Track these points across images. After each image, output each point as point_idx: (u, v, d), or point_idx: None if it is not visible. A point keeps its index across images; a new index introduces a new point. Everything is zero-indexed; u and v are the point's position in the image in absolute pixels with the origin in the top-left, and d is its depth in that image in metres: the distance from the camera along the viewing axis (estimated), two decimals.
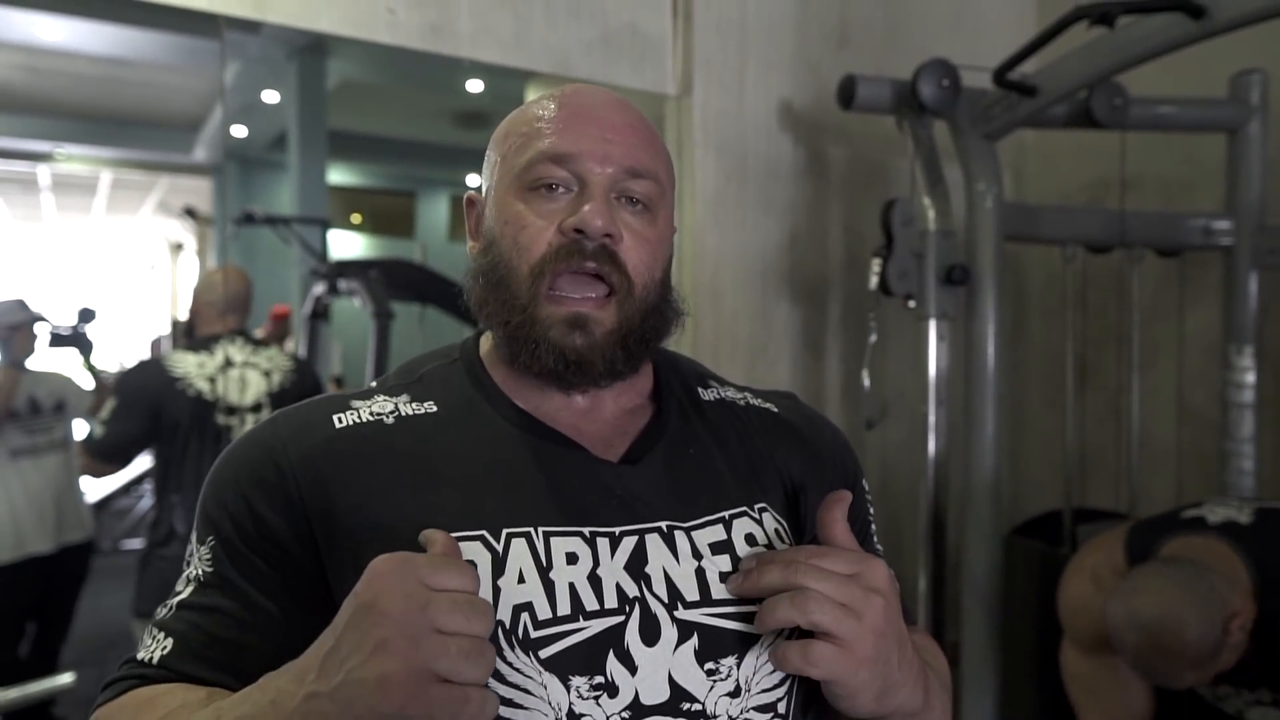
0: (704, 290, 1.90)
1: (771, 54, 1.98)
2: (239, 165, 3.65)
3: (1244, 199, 1.88)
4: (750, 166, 1.95)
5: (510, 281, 0.64)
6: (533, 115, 0.67)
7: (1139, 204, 2.10)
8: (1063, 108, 1.84)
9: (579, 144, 0.64)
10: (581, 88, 0.70)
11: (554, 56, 1.71)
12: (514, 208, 0.65)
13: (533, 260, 0.63)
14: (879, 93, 1.79)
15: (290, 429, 0.65)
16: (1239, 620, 1.21)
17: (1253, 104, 1.87)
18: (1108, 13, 1.45)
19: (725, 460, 0.69)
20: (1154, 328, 2.20)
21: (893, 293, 1.75)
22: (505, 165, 0.67)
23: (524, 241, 0.64)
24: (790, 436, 0.74)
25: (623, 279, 0.64)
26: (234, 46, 3.02)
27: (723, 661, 0.60)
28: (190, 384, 2.05)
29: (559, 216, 0.64)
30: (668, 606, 0.60)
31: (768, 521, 0.67)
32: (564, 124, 0.65)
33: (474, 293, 0.68)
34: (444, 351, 0.73)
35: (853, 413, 2.17)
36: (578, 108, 0.67)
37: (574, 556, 0.60)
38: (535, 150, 0.65)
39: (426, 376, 0.70)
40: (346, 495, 0.61)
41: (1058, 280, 2.10)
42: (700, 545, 0.63)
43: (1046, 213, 1.94)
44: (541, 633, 0.57)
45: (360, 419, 0.65)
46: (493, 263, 0.66)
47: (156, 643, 0.62)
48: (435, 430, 0.65)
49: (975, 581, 1.80)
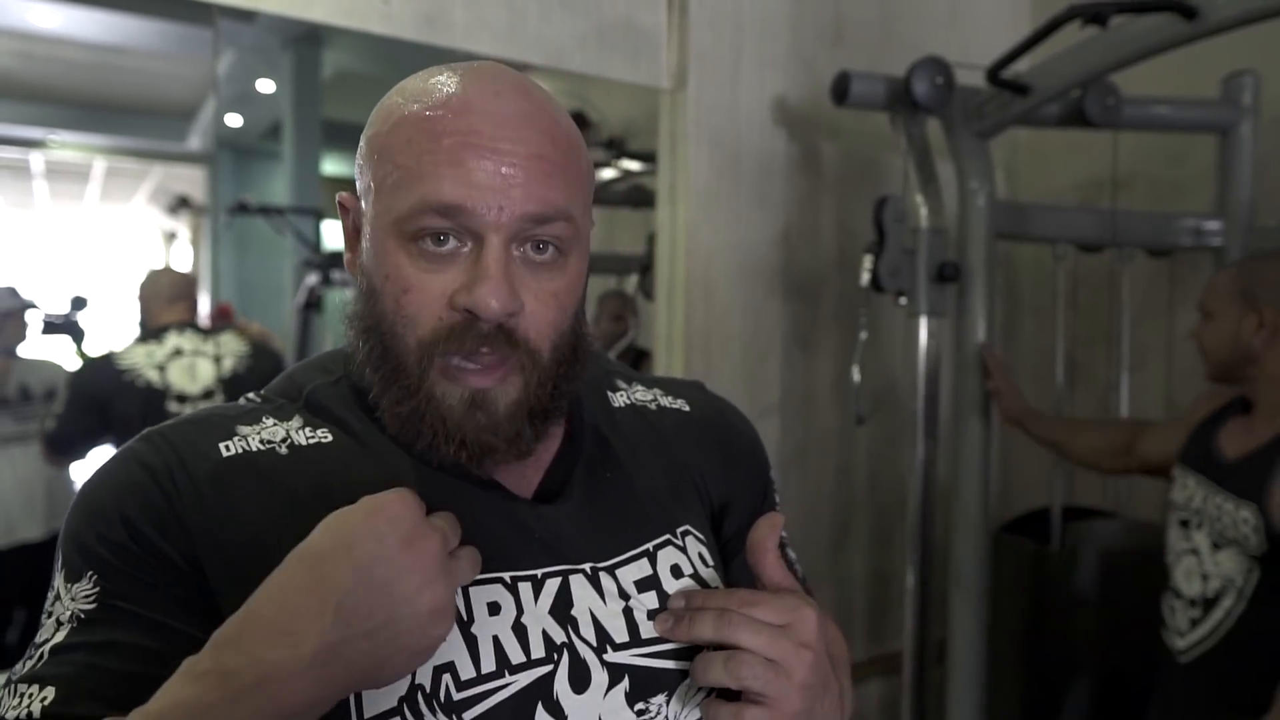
0: (696, 285, 1.90)
1: (766, 49, 1.98)
2: (233, 154, 3.64)
3: (1234, 200, 1.89)
4: (743, 162, 1.95)
5: (395, 351, 0.56)
6: (412, 133, 0.55)
7: (1131, 204, 2.11)
8: (1055, 107, 1.84)
9: (470, 190, 0.53)
10: (471, 83, 0.56)
11: (548, 49, 1.71)
12: (394, 259, 0.55)
13: (420, 335, 0.55)
14: (872, 89, 1.79)
15: (174, 452, 0.57)
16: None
17: (1244, 105, 1.88)
18: (1101, 12, 1.45)
19: (644, 482, 0.66)
20: (1144, 327, 2.21)
21: (884, 289, 1.76)
22: (380, 199, 0.56)
23: (409, 310, 0.55)
24: (705, 439, 0.72)
25: (525, 354, 0.56)
26: (228, 35, 3.01)
27: (653, 701, 0.58)
28: (139, 374, 2.06)
29: (449, 283, 0.54)
30: (596, 650, 0.57)
31: (691, 546, 0.65)
32: (451, 156, 0.53)
33: (355, 345, 0.59)
34: (323, 365, 0.65)
35: (843, 409, 2.17)
36: (469, 128, 0.54)
37: (496, 606, 0.56)
38: (417, 196, 0.53)
39: (313, 398, 0.62)
40: (240, 533, 0.55)
41: (1049, 279, 2.11)
42: (626, 584, 0.60)
43: (1038, 211, 1.95)
44: (465, 693, 0.53)
45: (250, 447, 0.58)
46: (374, 319, 0.57)
47: (29, 698, 0.50)
48: (332, 464, 0.58)
49: (963, 578, 1.81)
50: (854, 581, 2.25)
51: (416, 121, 0.55)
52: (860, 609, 2.27)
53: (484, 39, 1.63)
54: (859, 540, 2.26)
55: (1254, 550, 1.35)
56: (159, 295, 2.21)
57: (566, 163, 0.57)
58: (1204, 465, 1.47)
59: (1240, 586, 1.37)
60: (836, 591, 2.21)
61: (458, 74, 0.57)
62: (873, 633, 2.29)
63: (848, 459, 2.23)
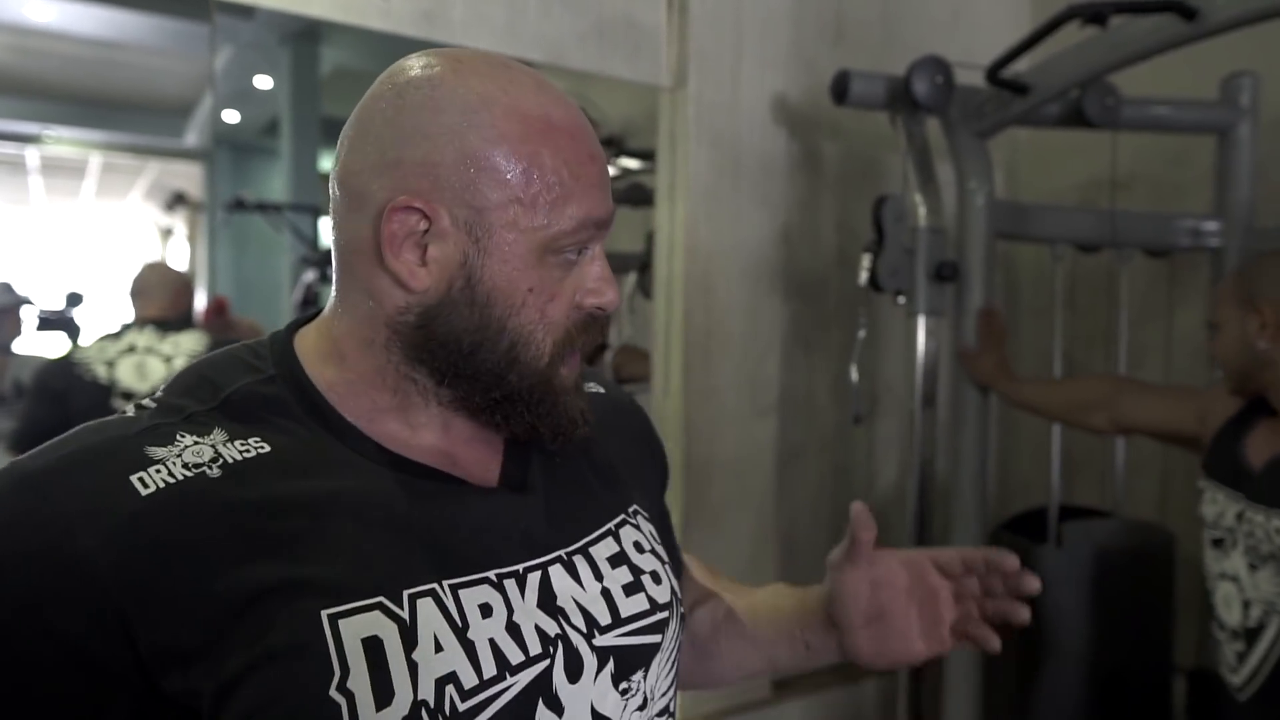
0: (695, 284, 1.90)
1: (767, 48, 1.98)
2: (230, 151, 3.62)
3: (1233, 201, 1.90)
4: (744, 161, 1.95)
5: (527, 358, 0.57)
6: (559, 146, 0.55)
7: (1130, 204, 2.11)
8: (1055, 107, 1.84)
9: (608, 207, 0.58)
10: (556, 93, 0.58)
11: (548, 46, 1.71)
12: (541, 272, 0.56)
13: (556, 338, 0.57)
14: (872, 89, 1.79)
15: (74, 502, 0.47)
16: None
17: (1243, 106, 1.88)
18: (1100, 12, 1.45)
19: (590, 467, 0.66)
20: (1142, 328, 2.22)
21: (883, 289, 1.76)
22: (527, 214, 0.55)
23: (553, 315, 0.57)
24: (621, 420, 0.74)
25: None
26: (226, 31, 3.00)
27: (633, 678, 0.60)
28: (88, 369, 2.03)
29: (571, 288, 0.58)
30: (586, 636, 0.57)
31: (642, 524, 0.67)
32: (597, 177, 0.57)
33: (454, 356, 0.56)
34: (245, 360, 0.59)
35: (842, 408, 2.17)
36: (593, 144, 0.58)
37: (488, 608, 0.53)
38: (582, 213, 0.56)
39: (238, 400, 0.55)
40: (179, 595, 0.47)
41: (1047, 279, 2.11)
42: (600, 564, 0.61)
43: (1036, 211, 1.95)
44: (469, 703, 0.50)
45: (174, 477, 0.50)
46: (499, 330, 0.56)
47: None
48: (277, 479, 0.52)
49: None
50: None
51: (562, 142, 0.56)
52: None
53: (483, 35, 1.63)
54: None
55: None
56: (139, 290, 2.18)
57: None
58: (1232, 478, 1.38)
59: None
60: None
61: (537, 83, 0.57)
62: None
63: (846, 458, 2.23)
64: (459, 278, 0.55)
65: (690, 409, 1.90)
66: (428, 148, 0.54)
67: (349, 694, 0.47)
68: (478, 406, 0.58)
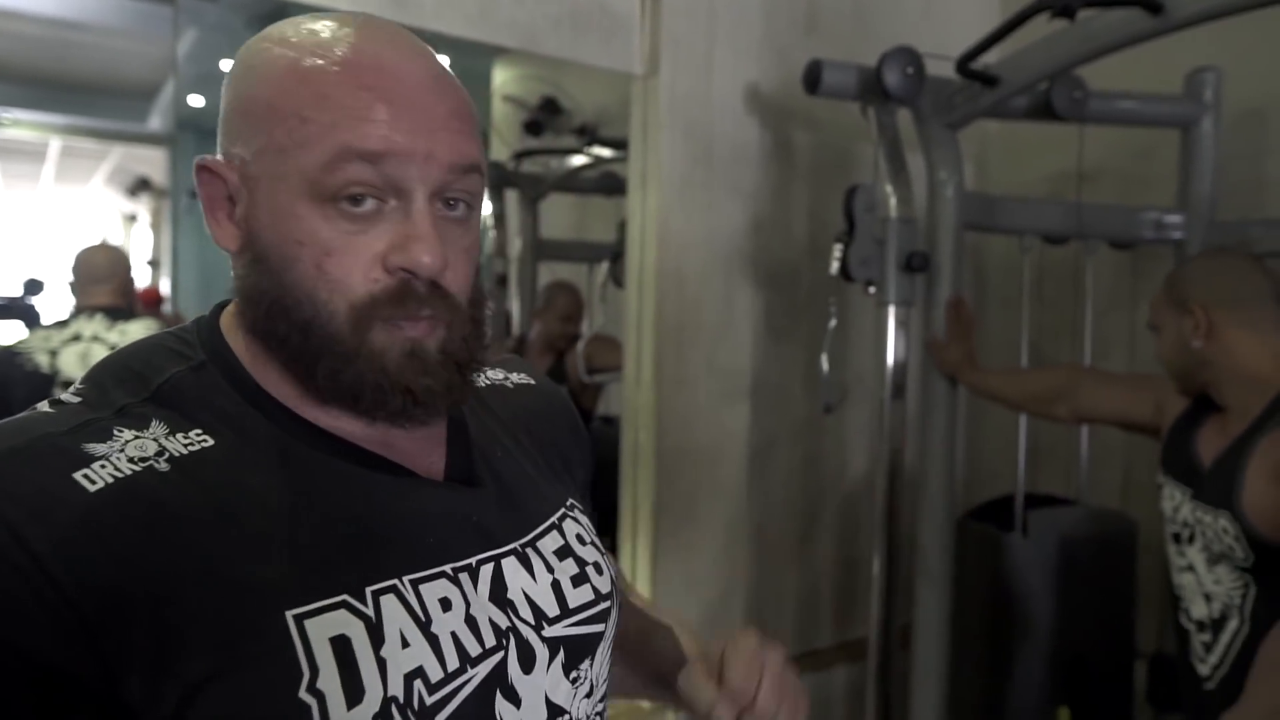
0: (668, 273, 1.89)
1: (739, 37, 1.97)
2: (196, 135, 3.56)
3: (1195, 194, 1.93)
4: (716, 150, 1.95)
5: (321, 320, 0.52)
6: (322, 87, 0.50)
7: (1096, 197, 2.13)
8: (1024, 99, 1.86)
9: (394, 138, 0.50)
10: (370, 33, 0.53)
11: (520, 32, 1.69)
12: (309, 224, 0.51)
13: (353, 300, 0.51)
14: (844, 79, 1.79)
15: (16, 506, 0.44)
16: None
17: (1206, 101, 1.91)
18: (1069, 6, 1.47)
19: (527, 459, 0.67)
20: (1107, 319, 2.25)
21: (854, 278, 1.77)
22: (287, 158, 0.51)
23: (335, 275, 0.51)
24: (553, 411, 0.75)
25: (453, 308, 0.55)
26: (190, 13, 2.94)
27: (582, 667, 0.61)
28: (29, 359, 1.97)
29: (375, 244, 0.51)
30: (535, 628, 0.58)
31: (580, 517, 0.68)
32: (370, 107, 0.50)
33: (255, 321, 0.54)
34: (172, 348, 0.56)
35: (813, 397, 2.18)
36: (383, 76, 0.51)
37: (447, 602, 0.53)
38: (338, 144, 0.50)
39: (171, 390, 0.52)
40: (138, 596, 0.44)
41: (1015, 270, 2.13)
42: (548, 556, 0.62)
43: (1005, 203, 1.97)
44: (436, 695, 0.50)
45: (120, 472, 0.47)
46: (283, 290, 0.52)
47: None
48: (227, 474, 0.50)
49: (928, 564, 1.84)
50: (822, 569, 2.27)
51: (323, 76, 0.51)
52: (828, 596, 2.29)
53: (455, 20, 1.61)
54: (827, 528, 2.28)
55: (1241, 563, 1.28)
56: (86, 276, 2.10)
57: (475, 122, 0.56)
58: (1185, 474, 1.41)
59: (1239, 605, 1.30)
60: (805, 579, 2.23)
61: (353, 27, 0.53)
62: (840, 619, 2.31)
63: (817, 448, 2.25)
64: (244, 234, 0.54)
65: (662, 398, 1.90)
66: (222, 106, 0.55)
67: (319, 694, 0.46)
68: (309, 382, 0.54)
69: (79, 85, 3.42)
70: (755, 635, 0.64)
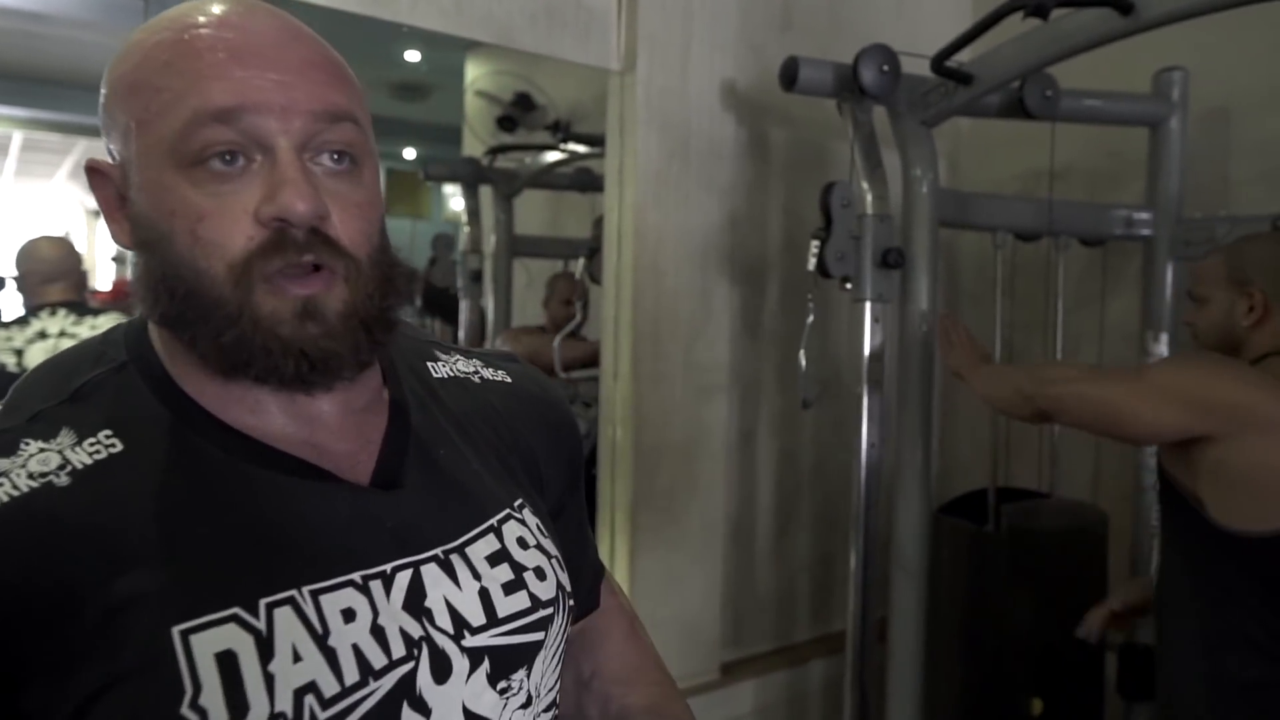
0: (645, 269, 1.89)
1: (716, 33, 1.98)
2: None
3: (1163, 192, 1.96)
4: (693, 146, 1.95)
5: (203, 286, 0.51)
6: (168, 56, 0.50)
7: (1066, 195, 2.16)
8: (997, 97, 1.88)
9: (246, 92, 0.50)
10: (229, 5, 0.53)
11: (495, 26, 1.69)
12: (179, 192, 0.50)
13: (230, 259, 0.50)
14: (820, 76, 1.80)
15: None
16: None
17: (1174, 100, 1.94)
18: (1042, 5, 1.48)
19: (477, 457, 0.64)
20: (1078, 315, 2.28)
21: (830, 275, 1.78)
22: (148, 132, 0.51)
23: (210, 237, 0.50)
24: (529, 411, 0.72)
25: (345, 260, 0.53)
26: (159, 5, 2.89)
27: (514, 677, 0.58)
28: None
29: (248, 200, 0.50)
30: (454, 637, 0.55)
31: (529, 518, 0.65)
32: (219, 65, 0.50)
33: (151, 308, 0.53)
34: (97, 350, 0.56)
35: (790, 393, 2.20)
36: (238, 41, 0.51)
37: (351, 612, 0.51)
38: (189, 109, 0.49)
39: (88, 394, 0.53)
40: (34, 611, 0.46)
41: (988, 267, 2.16)
42: (477, 562, 0.59)
43: (979, 200, 1.99)
44: (331, 711, 0.49)
45: (18, 490, 0.47)
46: (167, 266, 0.51)
47: None
48: (130, 483, 0.50)
49: (904, 558, 1.85)
50: (799, 564, 2.29)
51: (173, 45, 0.51)
52: (805, 591, 2.31)
53: (431, 14, 1.59)
54: (804, 523, 2.29)
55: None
56: (36, 271, 2.02)
57: (342, 74, 0.55)
58: None
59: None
60: (782, 573, 2.25)
61: (214, 3, 0.53)
62: (817, 614, 2.33)
63: (794, 443, 2.26)
64: (133, 224, 0.54)
65: (640, 393, 1.90)
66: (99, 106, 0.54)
67: (201, 711, 0.45)
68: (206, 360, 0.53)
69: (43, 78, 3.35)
70: None
